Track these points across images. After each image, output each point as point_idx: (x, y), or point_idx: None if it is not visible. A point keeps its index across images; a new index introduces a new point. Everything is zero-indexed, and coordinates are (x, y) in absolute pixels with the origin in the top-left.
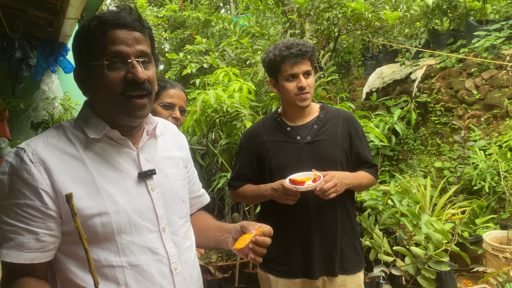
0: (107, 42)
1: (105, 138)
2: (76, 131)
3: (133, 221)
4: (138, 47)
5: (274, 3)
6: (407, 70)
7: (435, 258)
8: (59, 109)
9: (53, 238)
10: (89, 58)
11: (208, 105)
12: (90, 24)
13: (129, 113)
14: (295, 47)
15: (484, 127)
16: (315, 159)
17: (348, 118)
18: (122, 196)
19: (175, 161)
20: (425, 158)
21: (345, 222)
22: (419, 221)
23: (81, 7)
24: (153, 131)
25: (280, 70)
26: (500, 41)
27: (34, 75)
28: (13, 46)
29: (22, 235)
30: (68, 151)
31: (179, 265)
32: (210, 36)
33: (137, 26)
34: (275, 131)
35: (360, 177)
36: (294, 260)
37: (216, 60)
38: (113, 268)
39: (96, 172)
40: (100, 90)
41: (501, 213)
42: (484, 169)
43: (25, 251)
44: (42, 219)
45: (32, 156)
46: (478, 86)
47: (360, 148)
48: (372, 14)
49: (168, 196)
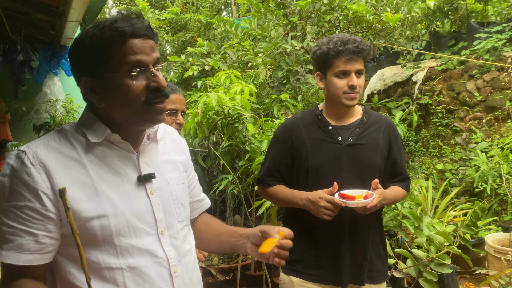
0: (126, 52)
1: (105, 142)
2: (77, 135)
3: (131, 224)
4: (154, 54)
5: (276, 5)
6: (409, 72)
7: (437, 261)
8: (61, 112)
9: (52, 240)
10: (105, 68)
11: (209, 107)
12: (103, 33)
13: (151, 118)
14: (352, 43)
15: (486, 129)
16: (354, 163)
17: (390, 125)
18: (121, 199)
19: (175, 165)
20: (426, 160)
21: (375, 231)
22: (421, 223)
23: (83, 10)
24: (154, 135)
25: (331, 65)
26: (501, 43)
27: (36, 77)
28: (16, 49)
29: (22, 236)
30: (68, 154)
31: (179, 268)
32: (211, 38)
33: (150, 34)
34: (315, 128)
35: (397, 195)
36: (323, 265)
37: (217, 62)
38: (112, 270)
39: (95, 175)
40: (121, 99)
41: (503, 215)
42: (486, 171)
43: (24, 252)
44: (42, 221)
45: (32, 158)
46: (480, 88)
47: (398, 158)
48: (373, 16)
49: (167, 200)
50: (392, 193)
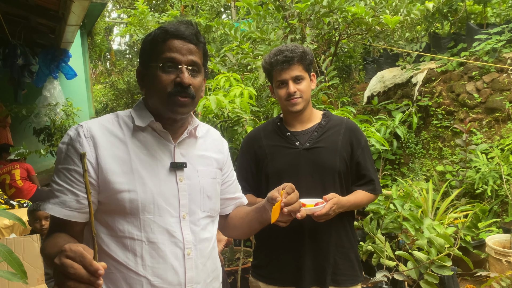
0: (165, 49)
1: (149, 129)
2: (127, 119)
3: (157, 203)
4: (190, 57)
5: (275, 8)
6: (408, 74)
7: (437, 263)
8: (61, 115)
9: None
10: (149, 59)
11: (209, 110)
12: (156, 32)
13: (172, 108)
14: (281, 54)
15: (486, 131)
16: (312, 166)
17: (351, 127)
18: (151, 180)
19: (209, 161)
20: (427, 162)
21: (340, 234)
22: (421, 226)
23: (83, 14)
24: (193, 131)
25: (272, 77)
26: (501, 44)
27: (36, 81)
28: (15, 53)
29: (66, 194)
30: (116, 134)
31: (193, 252)
32: (211, 41)
33: (193, 39)
34: (275, 136)
35: (359, 200)
36: (285, 268)
37: (217, 65)
38: (133, 240)
39: (134, 155)
40: (153, 87)
41: (503, 216)
42: (486, 172)
43: (66, 208)
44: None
45: (86, 132)
46: (479, 90)
47: (361, 159)
48: (373, 18)
49: (194, 189)
50: (352, 199)
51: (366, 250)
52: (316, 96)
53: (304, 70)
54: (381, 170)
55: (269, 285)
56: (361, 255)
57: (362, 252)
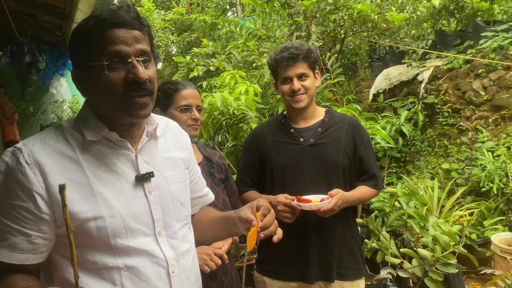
0: (106, 42)
1: (103, 140)
2: (74, 132)
3: (128, 225)
4: (138, 46)
5: (280, 5)
6: (414, 72)
7: (442, 260)
8: (68, 112)
9: (45, 241)
10: (87, 58)
11: (214, 107)
12: (87, 23)
13: (131, 112)
14: (286, 51)
15: (492, 128)
16: (316, 162)
17: (354, 123)
18: (117, 200)
19: (175, 163)
20: (432, 159)
21: (344, 228)
22: (427, 223)
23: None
24: (153, 132)
25: (277, 73)
26: (508, 41)
27: (43, 78)
28: (22, 50)
29: (15, 235)
30: (64, 153)
31: (177, 268)
32: (216, 38)
33: (135, 25)
34: (279, 132)
35: (362, 195)
36: (290, 263)
37: (222, 62)
38: (109, 269)
39: (92, 174)
40: (101, 91)
41: (509, 214)
42: (492, 170)
43: (17, 251)
44: (35, 221)
45: (28, 157)
46: (486, 87)
47: (364, 154)
48: (378, 15)
49: (166, 199)
50: (356, 194)
51: (371, 247)
52: (322, 93)
53: (309, 67)
54: (387, 168)
55: (275, 279)
56: (365, 253)
57: (367, 249)
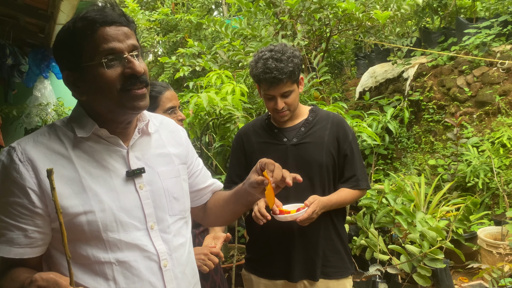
0: (98, 41)
1: (94, 137)
2: (66, 130)
3: (119, 219)
4: (129, 41)
5: (266, 5)
6: (400, 69)
7: (430, 256)
8: (52, 115)
9: (41, 235)
10: (80, 59)
11: (201, 108)
12: (75, 25)
13: (132, 105)
14: (270, 74)
15: (477, 124)
16: (300, 162)
17: (338, 122)
18: (108, 195)
19: (169, 159)
20: (419, 156)
21: (328, 227)
22: (414, 219)
23: (72, 13)
24: (145, 129)
25: (260, 86)
26: (490, 38)
27: (27, 81)
28: (4, 53)
29: (12, 231)
30: (56, 150)
31: (170, 262)
32: (202, 38)
33: (124, 21)
34: (264, 132)
35: (342, 198)
36: (275, 262)
37: (208, 63)
38: (101, 264)
39: (83, 170)
40: (98, 89)
41: (495, 209)
42: (477, 165)
43: (14, 246)
44: (30, 216)
45: (21, 155)
46: (470, 84)
47: (348, 152)
48: (363, 14)
49: (158, 194)
50: (334, 198)
51: (360, 244)
52: (308, 92)
53: (293, 82)
54: (374, 165)
55: (261, 278)
56: (354, 250)
57: (355, 246)
